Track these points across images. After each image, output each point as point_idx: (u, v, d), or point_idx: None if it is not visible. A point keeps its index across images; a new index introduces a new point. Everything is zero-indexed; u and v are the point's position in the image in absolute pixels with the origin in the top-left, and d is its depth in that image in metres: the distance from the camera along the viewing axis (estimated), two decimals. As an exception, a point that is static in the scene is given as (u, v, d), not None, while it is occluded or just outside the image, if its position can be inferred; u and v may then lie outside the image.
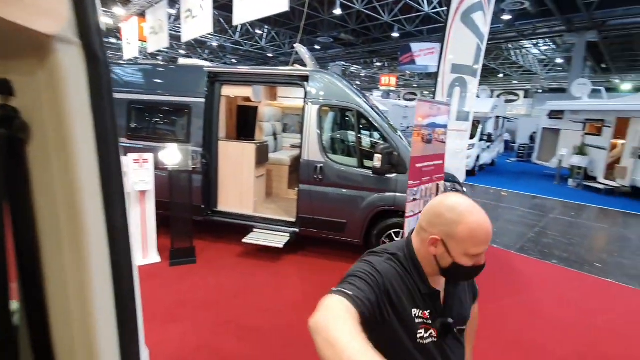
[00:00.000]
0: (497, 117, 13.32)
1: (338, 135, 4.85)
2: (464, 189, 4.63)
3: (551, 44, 18.88)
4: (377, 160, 3.68)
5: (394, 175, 3.86)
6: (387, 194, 3.90)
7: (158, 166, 4.06)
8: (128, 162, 3.89)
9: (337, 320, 0.80)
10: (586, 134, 10.92)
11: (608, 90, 12.71)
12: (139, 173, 3.97)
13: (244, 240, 4.18)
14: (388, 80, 23.17)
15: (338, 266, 4.21)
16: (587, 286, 4.16)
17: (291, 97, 5.81)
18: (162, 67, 5.13)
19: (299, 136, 6.21)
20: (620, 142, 10.02)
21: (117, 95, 4.58)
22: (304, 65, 4.61)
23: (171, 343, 2.72)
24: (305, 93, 4.11)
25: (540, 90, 26.92)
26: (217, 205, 4.58)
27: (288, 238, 4.24)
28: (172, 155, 4.01)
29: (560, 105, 12.08)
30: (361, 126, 4.22)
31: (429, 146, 3.37)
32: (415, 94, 28.92)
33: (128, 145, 4.54)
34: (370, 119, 3.97)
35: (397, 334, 0.98)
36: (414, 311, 1.00)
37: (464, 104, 5.25)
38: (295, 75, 4.27)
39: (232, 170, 4.53)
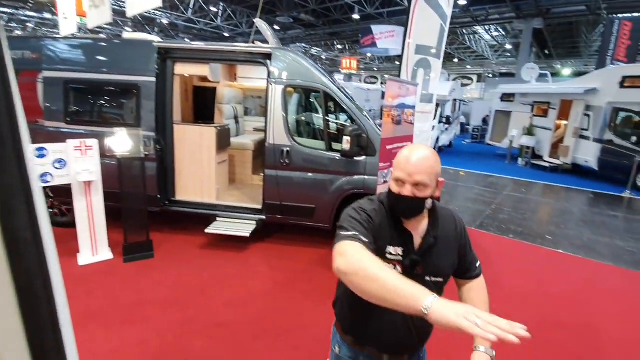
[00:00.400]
0: (455, 100, 13.80)
1: (304, 118, 4.67)
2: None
3: (501, 30, 19.80)
4: (346, 143, 3.57)
5: (363, 157, 3.78)
6: (357, 177, 3.82)
7: (105, 154, 3.64)
8: (68, 149, 3.45)
9: (369, 260, 0.94)
10: (534, 115, 11.66)
11: (551, 75, 13.63)
12: (82, 162, 3.54)
13: (207, 231, 3.92)
14: (349, 63, 23.02)
15: (307, 252, 4.12)
16: (541, 258, 4.44)
17: (252, 78, 5.49)
18: (105, 42, 4.56)
19: (261, 119, 5.94)
20: (563, 123, 10.82)
21: (49, 74, 4.04)
22: (265, 43, 4.33)
23: (130, 348, 2.48)
24: (269, 72, 3.86)
25: (491, 75, 28.35)
26: (175, 194, 4.25)
27: (254, 226, 4.05)
28: (121, 141, 3.61)
29: (512, 89, 12.74)
30: (328, 108, 4.07)
31: (399, 127, 3.31)
32: (376, 78, 29.14)
33: (67, 130, 4.03)
34: (338, 100, 3.83)
35: None
36: (389, 248, 1.13)
37: (427, 85, 5.27)
38: (256, 53, 3.98)
39: (190, 157, 4.20)
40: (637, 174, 8.31)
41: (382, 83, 25.10)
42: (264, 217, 4.09)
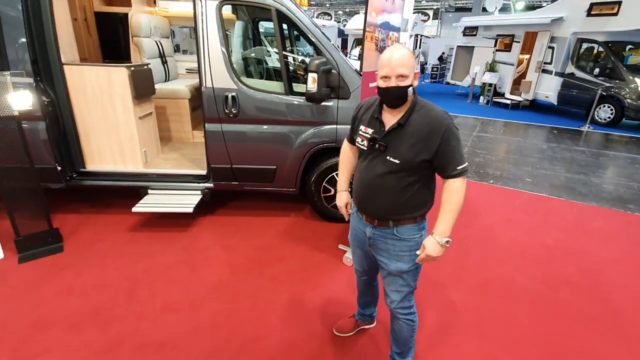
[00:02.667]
0: (417, 35, 12.87)
1: (253, 54, 3.60)
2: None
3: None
4: (311, 82, 2.66)
5: (334, 101, 2.92)
6: (326, 127, 2.99)
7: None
8: None
9: (341, 157, 1.73)
10: (497, 50, 11.18)
11: (504, 9, 13.05)
12: None
13: (134, 210, 2.97)
14: (299, -3, 20.71)
15: (271, 222, 3.37)
16: (526, 203, 4.10)
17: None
18: None
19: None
20: (525, 57, 10.48)
21: None
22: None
23: (16, 405, 1.66)
24: (195, -17, 2.70)
25: (446, 10, 27.32)
26: (85, 163, 3.16)
27: (200, 197, 3.17)
28: (-25, 91, 2.39)
29: (475, 21, 12.03)
30: (284, 35, 3.06)
31: (382, 56, 2.46)
32: (329, 15, 26.88)
33: None
34: (297, 22, 2.82)
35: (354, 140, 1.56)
36: (362, 127, 1.48)
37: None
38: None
39: (98, 111, 3.05)
40: (597, 107, 8.31)
41: (337, 21, 23.20)
42: (210, 184, 3.19)
